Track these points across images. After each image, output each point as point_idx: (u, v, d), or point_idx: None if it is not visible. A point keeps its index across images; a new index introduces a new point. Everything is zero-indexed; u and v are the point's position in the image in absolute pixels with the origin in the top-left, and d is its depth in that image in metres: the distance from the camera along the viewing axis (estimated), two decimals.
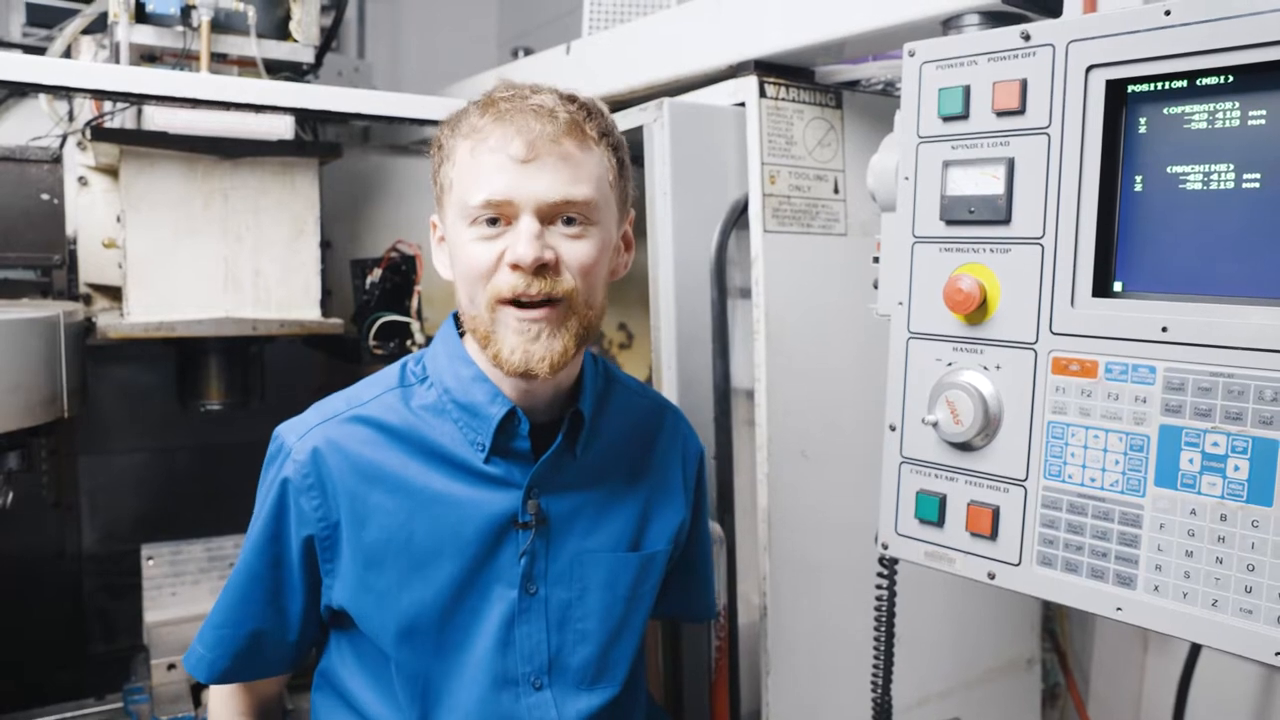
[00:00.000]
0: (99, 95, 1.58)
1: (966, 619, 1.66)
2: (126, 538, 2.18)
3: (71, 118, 1.92)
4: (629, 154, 1.07)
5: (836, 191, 1.48)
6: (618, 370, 1.18)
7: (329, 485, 1.01)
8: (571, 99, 1.00)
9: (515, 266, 0.95)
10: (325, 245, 1.84)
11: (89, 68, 1.60)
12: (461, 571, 1.03)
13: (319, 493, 1.02)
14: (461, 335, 1.08)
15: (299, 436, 1.03)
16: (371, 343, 1.78)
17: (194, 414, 1.86)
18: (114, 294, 1.88)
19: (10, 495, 1.48)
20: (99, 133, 1.62)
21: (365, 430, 1.03)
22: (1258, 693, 1.59)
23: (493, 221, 0.96)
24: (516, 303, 0.96)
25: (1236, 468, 0.78)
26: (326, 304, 1.82)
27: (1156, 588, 0.83)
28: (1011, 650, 1.75)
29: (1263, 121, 0.77)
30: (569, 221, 0.97)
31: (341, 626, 1.09)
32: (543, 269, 0.95)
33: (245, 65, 1.83)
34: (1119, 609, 0.85)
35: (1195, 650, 1.54)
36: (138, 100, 1.59)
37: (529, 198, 0.95)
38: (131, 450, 2.29)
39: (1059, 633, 1.93)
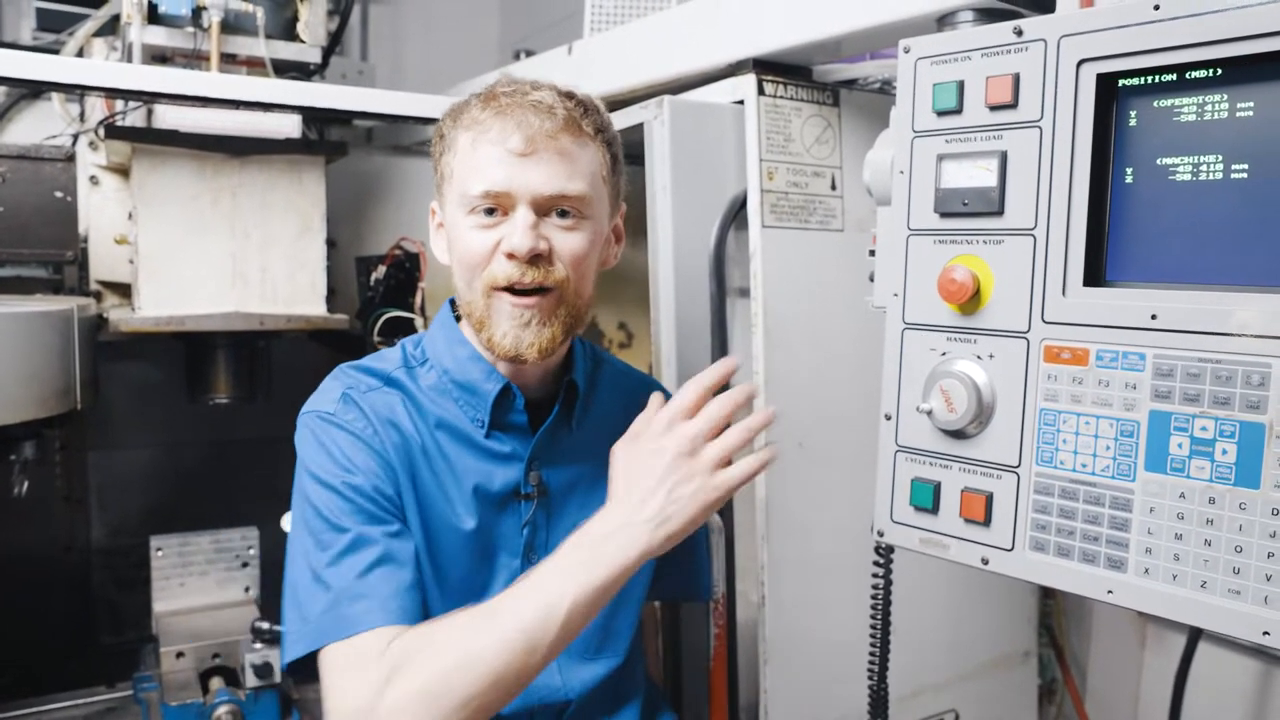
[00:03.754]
0: (113, 94, 1.61)
1: (962, 612, 1.67)
2: (134, 531, 2.21)
3: (83, 118, 1.95)
4: (622, 149, 1.11)
5: (834, 188, 1.50)
6: (604, 352, 1.23)
7: (375, 441, 1.03)
8: (570, 95, 1.03)
9: (511, 255, 0.99)
10: (330, 244, 1.87)
11: (105, 66, 1.63)
12: (468, 540, 1.06)
13: (375, 445, 1.02)
14: (458, 319, 1.12)
15: (335, 401, 1.05)
16: (376, 338, 1.80)
17: (201, 410, 1.88)
18: (123, 291, 1.91)
19: (26, 484, 1.51)
20: (112, 130, 1.65)
21: (388, 398, 1.07)
22: (1254, 690, 1.60)
23: (490, 211, 1.00)
24: (511, 290, 1.00)
25: (1224, 451, 0.80)
26: (331, 302, 1.84)
27: (1147, 570, 0.85)
28: (1008, 643, 1.76)
29: (1250, 113, 0.79)
30: (563, 214, 1.02)
31: None
32: (536, 259, 0.99)
33: (254, 65, 1.87)
34: (1110, 591, 0.87)
35: (1192, 646, 1.55)
36: (150, 99, 1.62)
37: (526, 190, 0.99)
38: (139, 445, 2.32)
39: (1056, 629, 1.94)
